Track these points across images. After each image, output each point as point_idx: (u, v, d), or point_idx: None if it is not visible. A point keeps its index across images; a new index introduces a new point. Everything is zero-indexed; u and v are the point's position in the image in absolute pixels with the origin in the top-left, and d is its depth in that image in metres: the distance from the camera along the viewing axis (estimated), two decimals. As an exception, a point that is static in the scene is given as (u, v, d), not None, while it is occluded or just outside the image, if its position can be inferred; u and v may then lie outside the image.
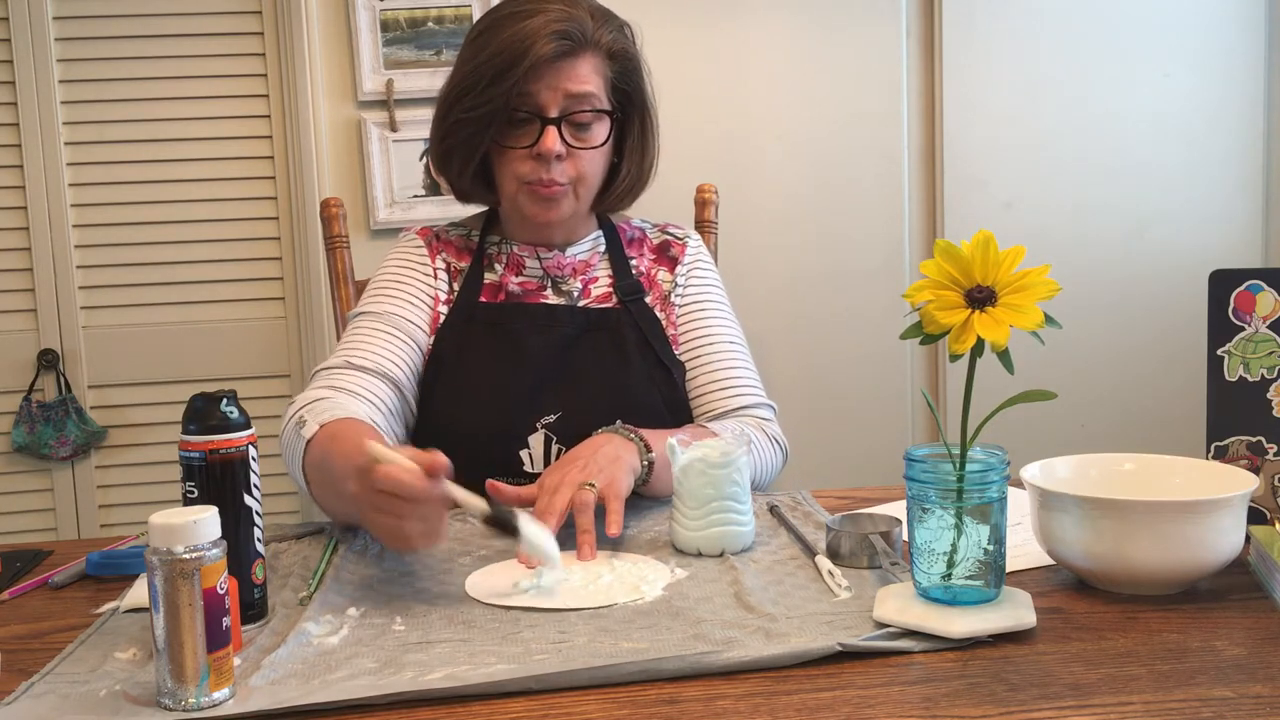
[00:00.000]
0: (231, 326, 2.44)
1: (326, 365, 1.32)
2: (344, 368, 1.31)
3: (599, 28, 1.34)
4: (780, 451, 1.41)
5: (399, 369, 1.34)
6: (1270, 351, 1.03)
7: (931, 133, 2.50)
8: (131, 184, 2.40)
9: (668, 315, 1.45)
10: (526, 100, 1.32)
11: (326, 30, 2.40)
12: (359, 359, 1.32)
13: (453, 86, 1.36)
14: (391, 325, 1.36)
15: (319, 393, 1.26)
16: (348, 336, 1.37)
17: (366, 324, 1.37)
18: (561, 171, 1.34)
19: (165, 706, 0.76)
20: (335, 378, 1.29)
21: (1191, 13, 2.48)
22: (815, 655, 0.80)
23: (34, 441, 2.38)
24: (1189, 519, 0.88)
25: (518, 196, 1.37)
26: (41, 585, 1.07)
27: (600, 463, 1.14)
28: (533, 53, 1.29)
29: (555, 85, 1.31)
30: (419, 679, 0.78)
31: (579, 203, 1.38)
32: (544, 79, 1.31)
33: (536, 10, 1.31)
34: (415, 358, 1.37)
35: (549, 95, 1.31)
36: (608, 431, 1.22)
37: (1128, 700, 0.73)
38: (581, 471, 1.12)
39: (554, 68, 1.31)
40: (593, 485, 1.10)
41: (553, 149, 1.32)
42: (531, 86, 1.31)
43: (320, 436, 1.12)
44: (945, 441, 0.87)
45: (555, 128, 1.32)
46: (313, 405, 1.20)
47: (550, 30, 1.29)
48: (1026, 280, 0.81)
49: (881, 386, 2.53)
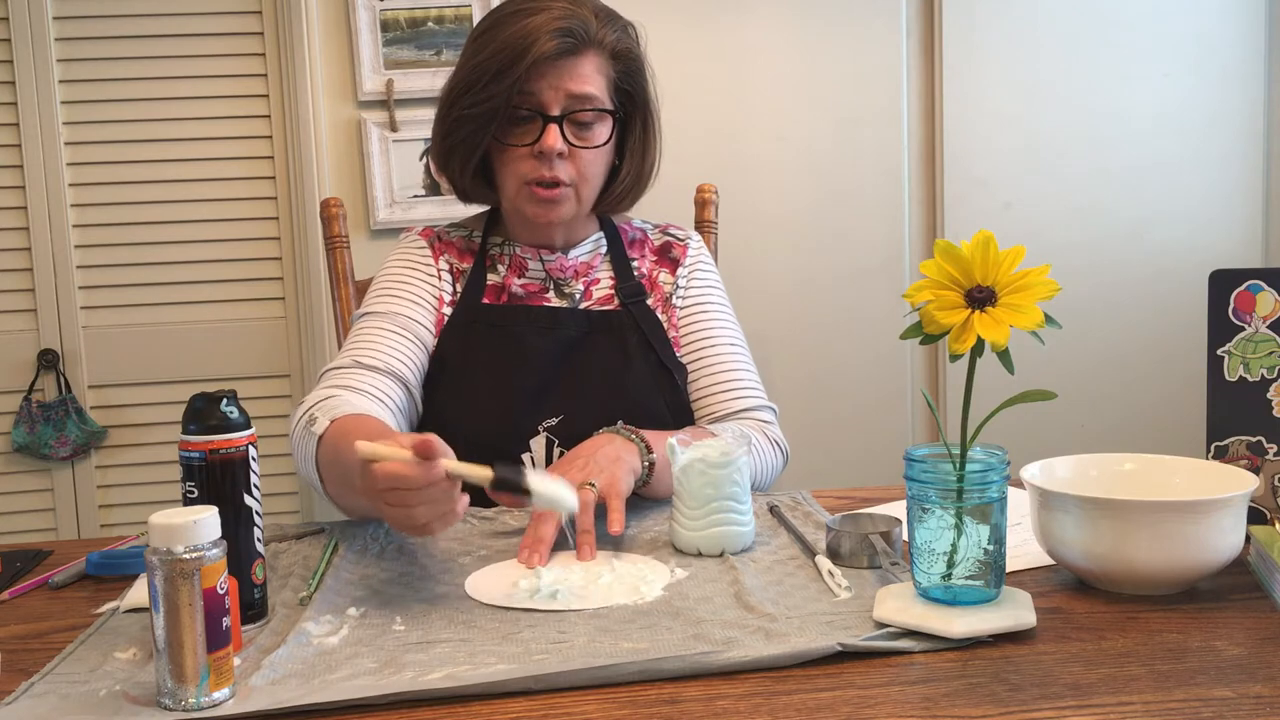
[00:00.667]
0: (231, 326, 2.44)
1: (335, 365, 1.32)
2: (352, 367, 1.30)
3: (602, 27, 1.34)
4: (781, 454, 1.41)
5: (406, 368, 1.34)
6: (1270, 351, 1.03)
7: (931, 133, 2.50)
8: (131, 184, 2.40)
9: (669, 317, 1.45)
10: (528, 98, 1.32)
11: (326, 30, 2.40)
12: (367, 358, 1.32)
13: (455, 84, 1.36)
14: (398, 325, 1.36)
15: (328, 392, 1.25)
16: (354, 336, 1.37)
17: (372, 324, 1.37)
18: (563, 170, 1.34)
19: (165, 706, 0.76)
20: (344, 377, 1.29)
21: (1191, 13, 2.48)
22: (815, 655, 0.80)
23: (34, 441, 2.38)
24: (1189, 519, 0.88)
25: (518, 197, 1.37)
26: (41, 585, 1.07)
27: (601, 463, 1.14)
28: (534, 50, 1.28)
29: (557, 84, 1.31)
30: (419, 679, 0.78)
31: (580, 204, 1.38)
32: (546, 77, 1.31)
33: (540, 8, 1.31)
34: (421, 357, 1.37)
35: (550, 94, 1.31)
36: (609, 432, 1.22)
37: (1128, 700, 0.73)
38: (581, 471, 1.13)
39: (556, 66, 1.31)
40: (593, 485, 1.10)
41: (554, 147, 1.31)
42: (533, 85, 1.31)
43: (332, 432, 1.12)
44: (945, 441, 0.87)
45: (557, 126, 1.32)
46: (322, 404, 1.20)
47: (553, 28, 1.29)
48: (1026, 280, 0.81)
49: (881, 386, 2.53)
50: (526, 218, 1.39)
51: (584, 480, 1.11)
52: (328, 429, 1.13)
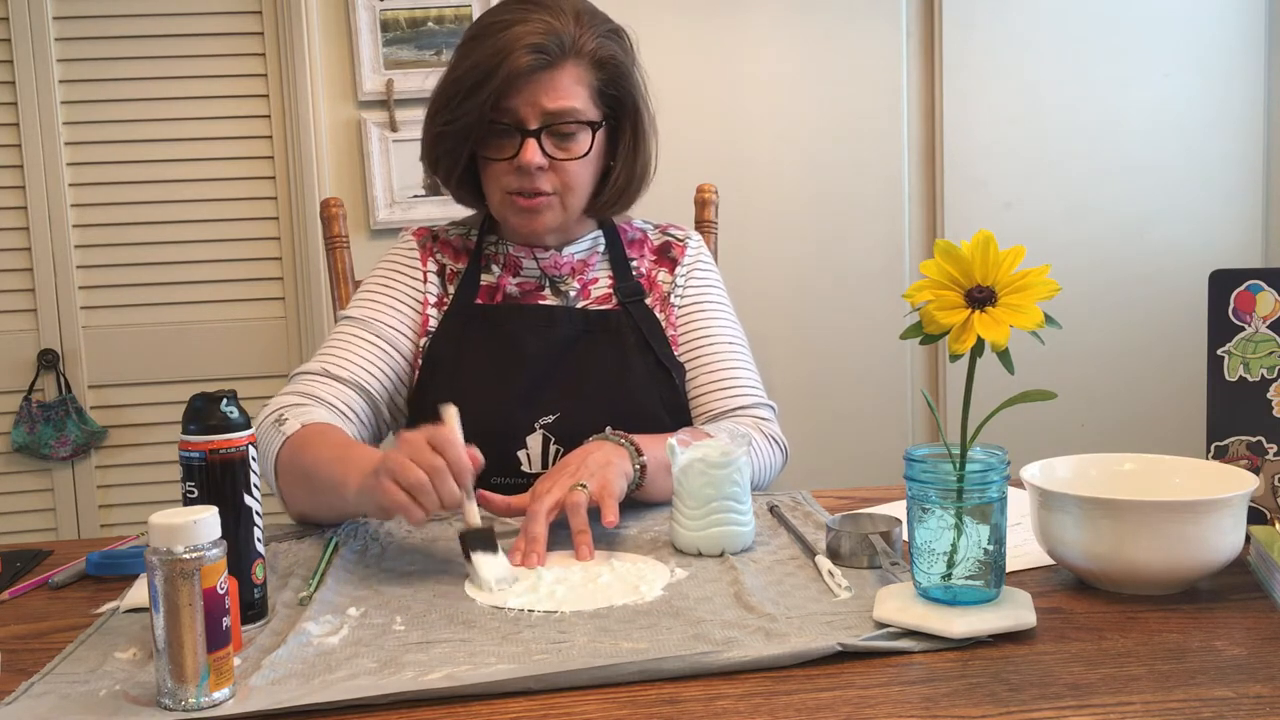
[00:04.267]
0: (231, 326, 2.44)
1: (305, 370, 1.35)
2: (320, 375, 1.34)
3: (584, 34, 1.32)
4: (780, 451, 1.41)
5: (376, 379, 1.36)
6: (1270, 351, 1.03)
7: (931, 133, 2.50)
8: (131, 184, 2.40)
9: (667, 316, 1.45)
10: (505, 114, 1.31)
11: (326, 30, 2.40)
12: (335, 368, 1.34)
13: (435, 96, 1.37)
14: (372, 332, 1.38)
15: (294, 399, 1.30)
16: (329, 341, 1.39)
17: (348, 330, 1.39)
18: (546, 181, 1.34)
19: (165, 706, 0.76)
20: (311, 385, 1.33)
21: (1191, 13, 2.48)
22: (815, 655, 0.80)
23: (34, 441, 2.38)
24: (1189, 519, 0.88)
25: (502, 206, 1.37)
26: (41, 585, 1.07)
27: (591, 467, 1.15)
28: (506, 66, 1.28)
29: (533, 100, 1.30)
30: (419, 679, 0.78)
31: (566, 212, 1.38)
32: (521, 93, 1.30)
33: (517, 20, 1.30)
34: (395, 364, 1.39)
35: (527, 110, 1.31)
36: (598, 439, 1.22)
37: (1128, 700, 0.73)
38: (572, 477, 1.13)
39: (531, 81, 1.30)
40: (584, 486, 1.11)
41: (532, 161, 1.31)
42: (509, 100, 1.31)
43: (302, 434, 1.20)
44: (945, 441, 0.87)
45: (535, 140, 1.31)
46: (293, 408, 1.26)
47: (526, 43, 1.28)
48: (1026, 280, 0.81)
49: (881, 386, 2.53)
50: (511, 227, 1.40)
51: (574, 484, 1.12)
52: (296, 431, 1.20)
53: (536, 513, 1.08)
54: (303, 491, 1.20)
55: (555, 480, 1.13)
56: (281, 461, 1.21)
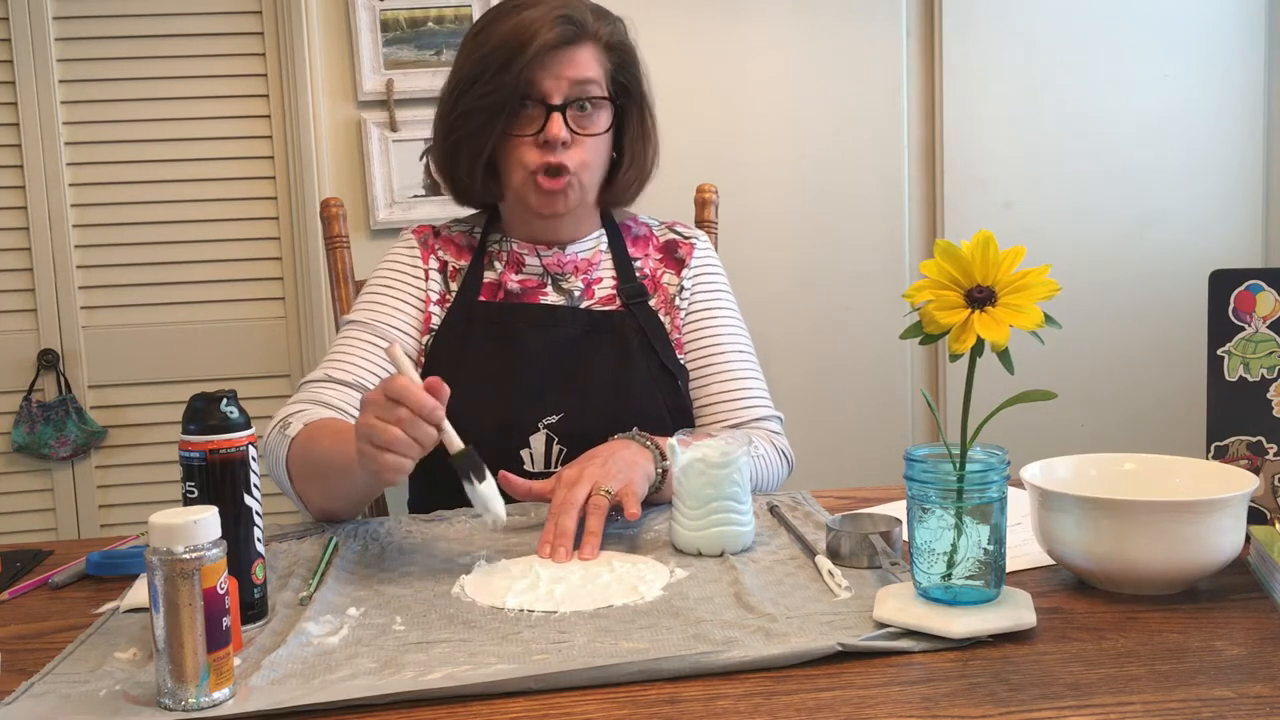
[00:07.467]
0: (231, 326, 2.44)
1: (311, 379, 1.36)
2: (325, 381, 1.35)
3: (596, 21, 1.37)
4: (786, 464, 1.42)
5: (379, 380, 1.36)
6: (1270, 351, 1.03)
7: (931, 133, 2.50)
8: (131, 184, 2.40)
9: (672, 319, 1.45)
10: (532, 88, 1.34)
11: (326, 30, 2.40)
12: (339, 373, 1.35)
13: (458, 80, 1.38)
14: (375, 334, 1.39)
15: (298, 406, 1.31)
16: (334, 347, 1.40)
17: (353, 334, 1.40)
18: (567, 157, 1.35)
19: (165, 706, 0.76)
20: (316, 391, 1.34)
21: (1191, 13, 2.48)
22: (815, 655, 0.80)
23: (34, 441, 2.38)
24: (1189, 519, 0.88)
25: (524, 187, 1.38)
26: (41, 585, 1.07)
27: (619, 464, 1.16)
28: (538, 39, 1.31)
29: (559, 73, 1.34)
30: (419, 679, 0.78)
31: (584, 191, 1.39)
32: (548, 66, 1.33)
33: (535, 2, 1.35)
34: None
35: (553, 83, 1.34)
36: (625, 437, 1.23)
37: (1128, 700, 0.73)
38: (601, 468, 1.14)
39: (557, 55, 1.33)
40: (608, 492, 1.11)
41: (559, 135, 1.33)
42: (536, 74, 1.33)
43: (304, 433, 1.21)
44: (945, 441, 0.87)
45: (560, 114, 1.34)
46: (298, 414, 1.27)
47: (553, 17, 1.32)
48: (1026, 280, 0.81)
49: (881, 386, 2.53)
50: (531, 209, 1.39)
51: (602, 478, 1.13)
52: (301, 431, 1.22)
53: (568, 505, 1.09)
54: (318, 486, 1.20)
55: (583, 470, 1.14)
56: (292, 463, 1.22)
